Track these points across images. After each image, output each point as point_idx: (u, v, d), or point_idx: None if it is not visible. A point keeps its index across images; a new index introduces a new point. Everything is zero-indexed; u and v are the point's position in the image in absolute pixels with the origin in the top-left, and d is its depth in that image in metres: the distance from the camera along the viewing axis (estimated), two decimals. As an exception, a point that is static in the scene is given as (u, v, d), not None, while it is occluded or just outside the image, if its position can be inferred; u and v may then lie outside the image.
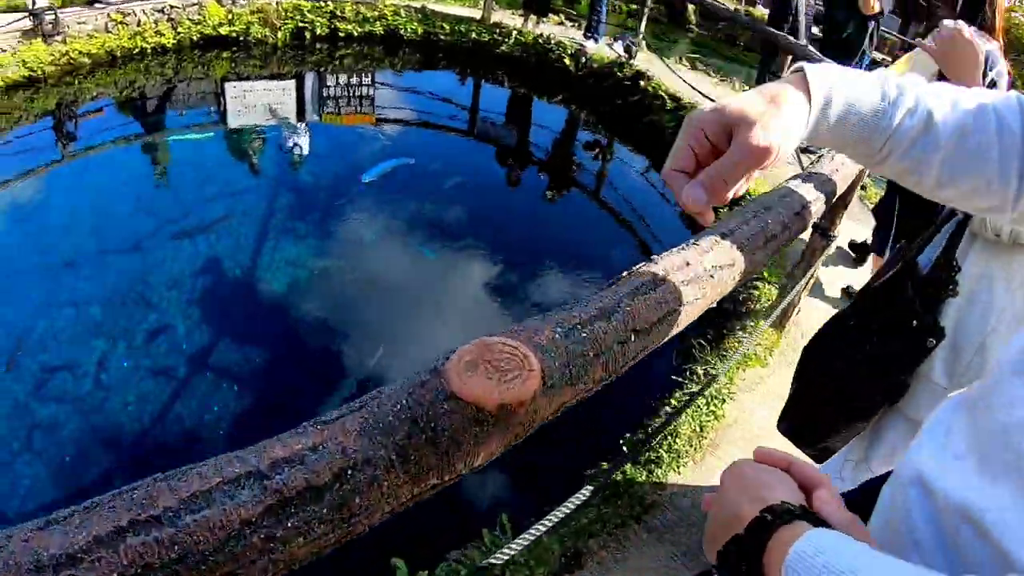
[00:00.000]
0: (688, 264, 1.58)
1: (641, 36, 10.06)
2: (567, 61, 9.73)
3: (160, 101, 9.74)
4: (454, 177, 7.90)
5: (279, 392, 5.46)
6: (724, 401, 4.30)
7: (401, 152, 8.29)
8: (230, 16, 10.28)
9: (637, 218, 7.58)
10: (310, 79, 9.51)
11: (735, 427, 4.22)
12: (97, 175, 8.31)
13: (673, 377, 4.80)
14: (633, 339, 1.32)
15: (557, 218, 7.62)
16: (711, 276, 1.62)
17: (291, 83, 9.37)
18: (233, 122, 8.89)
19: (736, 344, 4.81)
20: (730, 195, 0.76)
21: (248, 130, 8.70)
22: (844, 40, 7.26)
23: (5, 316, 5.99)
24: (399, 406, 0.88)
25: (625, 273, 1.54)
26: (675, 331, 1.52)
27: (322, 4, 10.23)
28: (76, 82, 9.74)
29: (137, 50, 10.05)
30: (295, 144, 8.16)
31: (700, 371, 4.58)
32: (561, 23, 11.43)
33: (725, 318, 5.35)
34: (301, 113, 8.96)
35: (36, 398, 5.34)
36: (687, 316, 1.57)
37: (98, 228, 7.18)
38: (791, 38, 7.61)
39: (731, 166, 0.73)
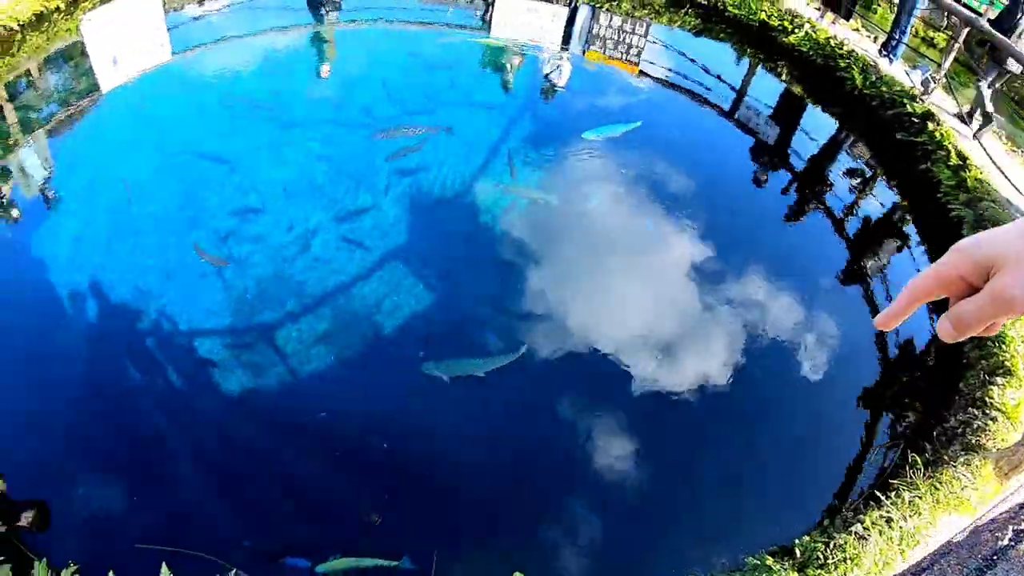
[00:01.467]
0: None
1: (944, 73, 8.81)
2: (855, 73, 8.71)
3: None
4: (700, 154, 7.39)
5: (453, 305, 5.48)
6: (916, 544, 3.65)
7: (651, 110, 7.87)
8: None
9: (876, 268, 6.71)
10: (584, 11, 9.24)
11: None
12: (352, 50, 8.62)
13: (869, 487, 4.25)
14: None
15: (790, 234, 6.93)
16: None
17: (564, 10, 9.14)
18: (497, 33, 8.84)
19: (952, 480, 4.09)
20: (975, 332, 0.73)
21: (511, 45, 8.62)
22: None
23: (228, 158, 6.38)
24: None
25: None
26: None
27: (614, -61, 9.83)
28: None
29: (419, -61, 10.19)
30: (554, 72, 7.97)
31: (905, 497, 3.95)
32: (856, 29, 10.26)
33: (948, 436, 4.59)
34: (566, 42, 8.74)
35: (236, 236, 5.70)
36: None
37: (340, 100, 7.43)
38: (1003, 38, 6.71)
39: (979, 310, 0.71)
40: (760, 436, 4.92)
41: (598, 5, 9.36)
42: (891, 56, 9.23)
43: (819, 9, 9.54)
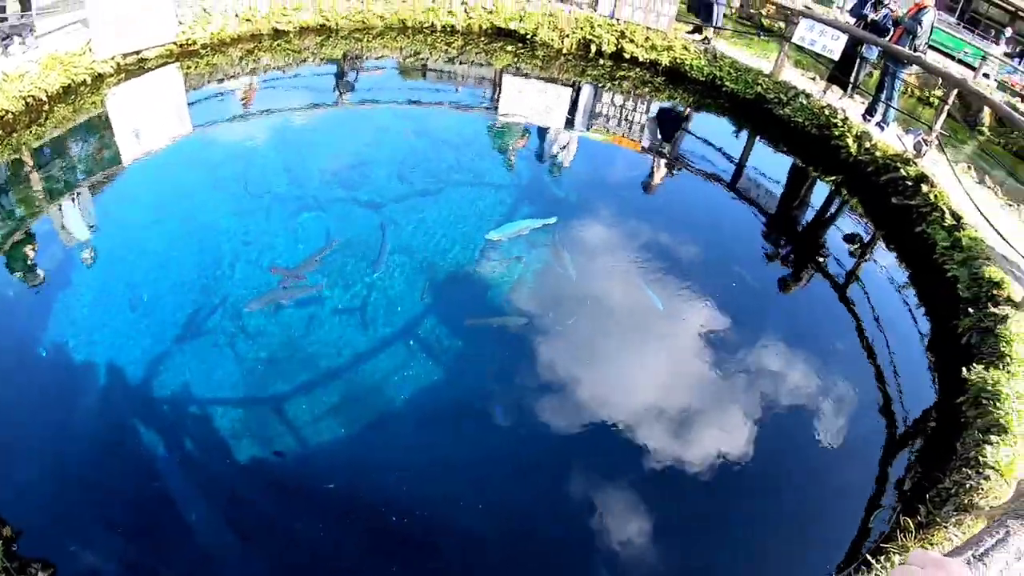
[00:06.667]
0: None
1: (935, 135, 9.14)
2: (849, 141, 9.07)
3: (438, 75, 10.43)
4: (704, 225, 7.69)
5: (458, 380, 5.67)
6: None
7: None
8: (521, 14, 10.77)
9: (877, 332, 6.82)
10: (587, 91, 9.74)
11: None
12: (364, 128, 9.01)
13: (868, 552, 4.35)
14: None
15: (791, 302, 7.13)
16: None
17: (567, 91, 9.64)
18: (503, 112, 9.31)
19: (943, 540, 4.17)
20: None
21: (514, 125, 9.06)
22: None
23: (242, 232, 6.70)
24: None
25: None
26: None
27: (614, 23, 10.41)
28: (364, 39, 10.72)
29: (428, 24, 10.90)
30: (560, 151, 8.38)
31: (895, 560, 4.03)
32: (850, 96, 10.70)
33: (942, 497, 4.65)
34: (570, 122, 9.20)
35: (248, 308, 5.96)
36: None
37: (353, 178, 7.67)
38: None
39: None
40: (762, 503, 4.98)
41: (601, 84, 9.87)
42: (882, 124, 9.55)
43: (811, 78, 9.97)
